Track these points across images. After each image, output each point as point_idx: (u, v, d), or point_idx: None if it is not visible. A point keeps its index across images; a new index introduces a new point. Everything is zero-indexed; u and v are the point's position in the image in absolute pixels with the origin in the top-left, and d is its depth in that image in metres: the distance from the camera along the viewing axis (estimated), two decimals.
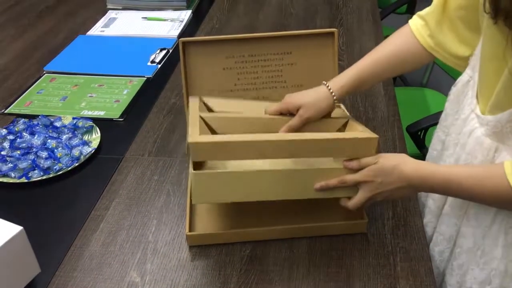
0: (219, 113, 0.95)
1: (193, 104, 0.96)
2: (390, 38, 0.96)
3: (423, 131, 1.49)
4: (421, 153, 1.53)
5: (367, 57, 0.95)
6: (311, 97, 0.91)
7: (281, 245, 0.88)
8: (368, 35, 1.60)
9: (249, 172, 0.80)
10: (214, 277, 0.83)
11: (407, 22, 0.96)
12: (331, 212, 0.91)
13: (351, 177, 0.82)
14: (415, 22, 0.93)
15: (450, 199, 0.88)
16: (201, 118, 0.90)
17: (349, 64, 1.42)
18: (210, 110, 1.00)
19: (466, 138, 0.84)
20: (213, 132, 0.92)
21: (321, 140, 0.82)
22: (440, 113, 1.44)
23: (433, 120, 1.46)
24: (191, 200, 0.89)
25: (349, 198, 0.84)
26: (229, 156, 0.80)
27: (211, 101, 1.01)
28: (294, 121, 0.91)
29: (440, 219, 0.92)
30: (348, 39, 1.57)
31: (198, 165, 0.83)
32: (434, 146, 1.01)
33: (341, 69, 1.04)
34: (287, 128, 0.91)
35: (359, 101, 1.27)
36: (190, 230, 0.89)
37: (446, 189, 0.79)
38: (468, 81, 0.88)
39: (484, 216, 0.81)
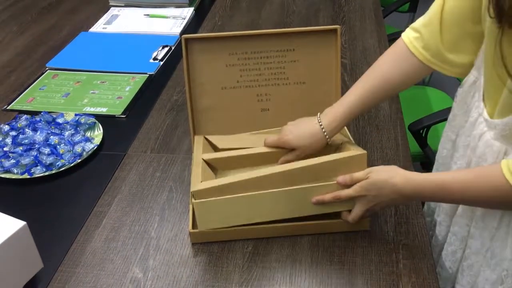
0: (220, 153, 0.99)
1: (197, 143, 1.00)
2: (382, 59, 0.93)
3: (425, 129, 1.49)
4: (422, 152, 1.53)
5: (360, 87, 0.92)
6: (306, 141, 0.92)
7: (283, 242, 0.88)
8: (370, 33, 1.59)
9: (248, 196, 0.85)
10: (216, 273, 0.84)
11: (409, 20, 0.96)
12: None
13: (345, 193, 0.84)
14: (408, 35, 0.90)
15: None
16: (204, 160, 0.95)
17: (352, 62, 1.43)
18: (213, 146, 1.02)
19: (476, 141, 0.84)
20: (214, 170, 0.96)
21: (314, 166, 0.87)
22: (442, 111, 1.45)
23: (435, 118, 1.46)
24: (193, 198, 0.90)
25: (349, 211, 0.86)
26: (231, 193, 0.86)
27: (215, 138, 1.03)
28: (290, 157, 0.94)
29: (453, 220, 0.91)
30: (351, 37, 1.57)
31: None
32: (444, 145, 1.00)
33: (343, 67, 1.04)
34: (283, 161, 0.94)
35: None
36: (193, 228, 0.89)
37: (438, 196, 0.81)
38: (474, 82, 0.87)
39: (490, 218, 0.81)
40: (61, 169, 1.05)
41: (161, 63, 1.46)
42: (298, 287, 0.81)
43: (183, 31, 1.64)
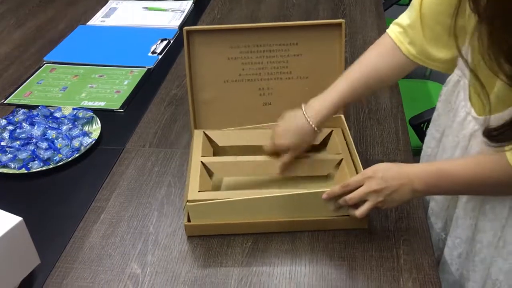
0: (219, 158, 0.99)
1: (197, 139, 1.00)
2: (369, 53, 0.92)
3: (426, 123, 1.48)
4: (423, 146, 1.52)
5: (345, 81, 0.91)
6: (296, 139, 0.92)
7: (283, 237, 0.88)
8: (371, 26, 1.58)
9: (241, 200, 0.85)
10: (215, 269, 0.83)
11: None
12: None
13: (353, 178, 0.83)
14: (394, 30, 0.89)
15: (461, 202, 0.87)
16: (202, 163, 0.95)
17: (353, 55, 1.42)
18: (213, 143, 1.01)
19: (467, 141, 0.83)
20: (211, 174, 0.96)
21: (307, 194, 0.86)
22: None
23: None
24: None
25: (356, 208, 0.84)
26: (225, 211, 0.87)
27: (214, 134, 1.02)
28: (287, 158, 0.94)
29: (453, 223, 0.90)
30: (351, 30, 1.55)
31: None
32: (428, 144, 1.01)
33: (345, 61, 1.03)
34: (283, 166, 0.95)
35: None
36: (188, 221, 0.88)
37: (440, 182, 0.79)
38: (458, 81, 0.86)
39: (500, 209, 0.80)
40: (58, 164, 1.04)
41: (160, 56, 1.44)
42: (298, 283, 0.80)
43: (182, 24, 1.63)
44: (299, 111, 0.92)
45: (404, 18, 0.88)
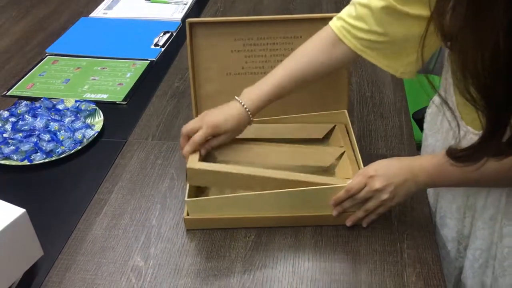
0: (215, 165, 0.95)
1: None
2: (306, 45, 0.90)
3: None
4: None
5: (282, 71, 0.89)
6: (233, 124, 0.88)
7: (287, 231, 0.87)
8: None
9: (241, 196, 0.85)
10: (218, 262, 0.83)
11: None
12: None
13: (353, 180, 0.82)
14: (337, 24, 0.86)
15: (478, 213, 0.85)
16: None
17: None
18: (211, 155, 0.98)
19: None
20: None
21: (303, 191, 0.84)
22: None
23: None
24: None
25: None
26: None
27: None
28: (216, 142, 0.90)
29: (472, 236, 0.88)
30: None
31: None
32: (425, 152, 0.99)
33: None
34: (209, 148, 0.90)
35: (365, 87, 1.25)
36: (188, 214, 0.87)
37: (444, 172, 0.77)
38: (443, 103, 0.84)
39: None
40: (61, 156, 1.04)
41: (163, 49, 1.44)
42: (301, 277, 0.80)
43: (185, 17, 1.62)
44: (233, 101, 0.89)
45: (348, 12, 0.84)
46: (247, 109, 0.88)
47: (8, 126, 1.10)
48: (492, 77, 0.56)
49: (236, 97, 0.89)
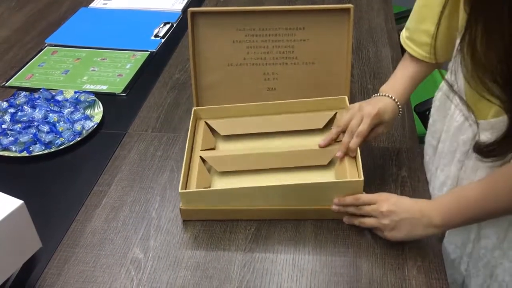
0: (218, 151, 0.97)
1: (199, 128, 0.98)
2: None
3: (430, 110, 1.46)
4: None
5: (410, 64, 0.94)
6: (389, 116, 0.90)
7: (287, 223, 0.87)
8: (377, 11, 1.56)
9: (236, 189, 0.85)
10: (218, 255, 0.82)
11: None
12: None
13: (367, 196, 0.82)
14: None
15: None
16: (201, 157, 0.94)
17: (358, 41, 1.40)
18: (214, 132, 1.00)
19: (468, 145, 0.81)
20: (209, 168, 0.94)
21: (309, 185, 0.84)
22: None
23: None
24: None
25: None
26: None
27: (216, 123, 1.00)
28: (364, 126, 0.88)
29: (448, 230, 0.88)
30: (357, 16, 1.53)
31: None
32: (426, 151, 0.99)
33: (352, 47, 1.01)
34: (358, 136, 0.88)
35: (367, 79, 1.24)
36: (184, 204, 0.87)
37: (459, 208, 0.76)
38: (451, 86, 0.83)
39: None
40: (60, 147, 1.03)
41: (163, 40, 1.43)
42: (302, 270, 0.80)
43: (186, 7, 1.60)
44: (379, 96, 0.92)
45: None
46: (396, 101, 0.90)
47: (7, 117, 1.09)
48: None
49: (379, 94, 0.92)
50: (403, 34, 0.94)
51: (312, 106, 1.01)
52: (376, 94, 0.93)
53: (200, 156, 0.94)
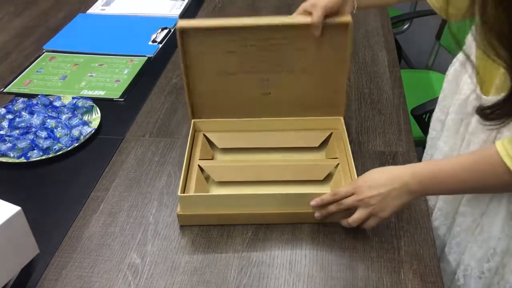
0: (217, 162, 1.00)
1: (197, 140, 1.00)
2: None
3: (428, 114, 1.47)
4: (425, 137, 1.51)
5: None
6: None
7: (284, 227, 0.87)
8: (374, 15, 1.56)
9: (234, 194, 0.87)
10: (215, 259, 0.82)
11: (412, 4, 0.93)
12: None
13: (342, 188, 0.82)
14: None
15: None
16: (199, 166, 0.95)
17: (355, 46, 1.40)
18: (212, 144, 1.01)
19: (469, 118, 0.83)
20: (206, 177, 0.96)
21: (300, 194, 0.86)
22: None
23: None
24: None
25: (349, 215, 0.83)
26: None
27: (214, 137, 1.02)
28: (315, 17, 0.90)
29: (436, 207, 0.90)
30: (354, 20, 1.53)
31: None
32: (433, 126, 1.00)
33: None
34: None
35: (363, 83, 1.25)
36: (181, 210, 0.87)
37: (437, 180, 0.76)
38: (464, 60, 0.85)
39: (483, 196, 0.80)
40: (58, 153, 1.04)
41: (160, 45, 1.43)
42: (298, 273, 0.80)
43: (183, 13, 1.61)
44: None
45: None
46: None
47: (5, 123, 1.10)
48: None
49: None
50: None
51: (309, 124, 1.03)
52: None
53: (199, 165, 0.95)
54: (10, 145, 1.04)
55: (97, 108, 1.15)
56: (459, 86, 0.87)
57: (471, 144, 0.83)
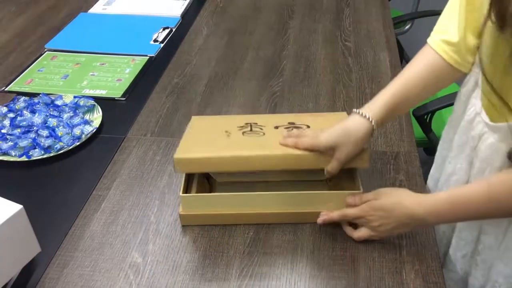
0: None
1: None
2: (414, 60, 0.87)
3: (429, 114, 1.47)
4: (427, 138, 1.51)
5: (397, 80, 0.86)
6: (346, 138, 0.82)
7: (285, 227, 0.87)
8: (376, 16, 1.56)
9: (235, 194, 0.85)
10: (216, 258, 0.82)
11: (414, 4, 0.92)
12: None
13: (352, 211, 0.82)
14: (444, 48, 0.84)
15: None
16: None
17: (356, 46, 1.40)
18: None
19: (476, 142, 0.81)
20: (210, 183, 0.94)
21: (308, 194, 0.86)
22: (447, 96, 1.43)
23: (440, 103, 1.43)
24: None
25: (355, 228, 0.84)
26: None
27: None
28: (335, 164, 0.84)
29: (458, 225, 0.89)
30: (355, 20, 1.54)
31: None
32: (443, 145, 0.98)
33: (348, 51, 1.01)
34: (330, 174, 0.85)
35: (365, 83, 1.25)
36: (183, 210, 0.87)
37: (454, 212, 0.76)
38: (476, 81, 0.83)
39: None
40: (59, 152, 1.03)
41: (162, 45, 1.43)
42: (300, 273, 0.80)
43: (185, 12, 1.61)
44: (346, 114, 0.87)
45: (451, 33, 0.82)
46: (370, 119, 0.83)
47: (7, 122, 1.10)
48: None
49: (354, 110, 0.85)
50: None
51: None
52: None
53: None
54: (12, 143, 1.03)
55: (99, 107, 1.15)
56: (468, 107, 0.86)
57: (485, 172, 0.80)
